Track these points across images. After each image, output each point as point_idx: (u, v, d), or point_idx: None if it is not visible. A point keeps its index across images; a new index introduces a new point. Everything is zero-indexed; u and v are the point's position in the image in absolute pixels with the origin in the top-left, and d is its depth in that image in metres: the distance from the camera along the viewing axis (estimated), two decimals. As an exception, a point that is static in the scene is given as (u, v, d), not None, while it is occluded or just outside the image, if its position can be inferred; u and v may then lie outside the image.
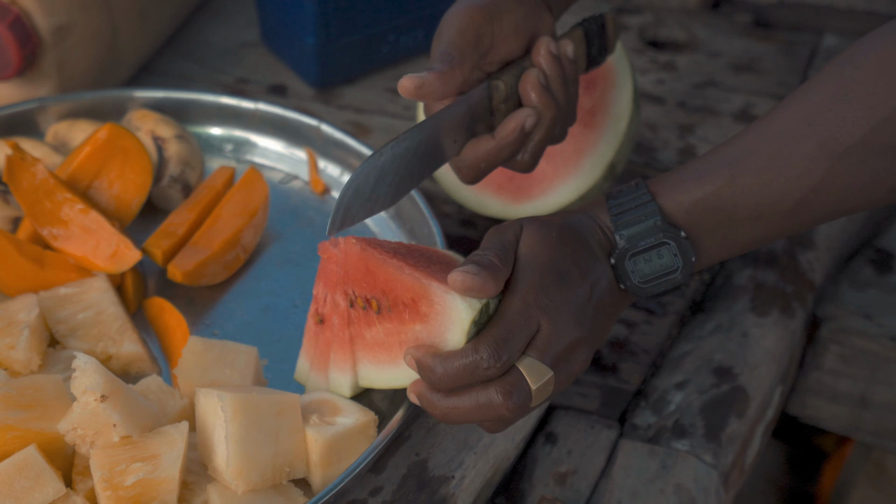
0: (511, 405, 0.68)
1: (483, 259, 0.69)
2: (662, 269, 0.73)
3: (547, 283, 0.70)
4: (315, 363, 0.80)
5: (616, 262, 0.74)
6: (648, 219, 0.73)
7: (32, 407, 0.70)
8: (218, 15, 1.33)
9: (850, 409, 1.11)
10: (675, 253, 0.73)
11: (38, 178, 0.86)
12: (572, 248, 0.72)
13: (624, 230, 0.73)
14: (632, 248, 0.73)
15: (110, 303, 0.84)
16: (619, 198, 0.75)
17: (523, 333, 0.68)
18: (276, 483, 0.72)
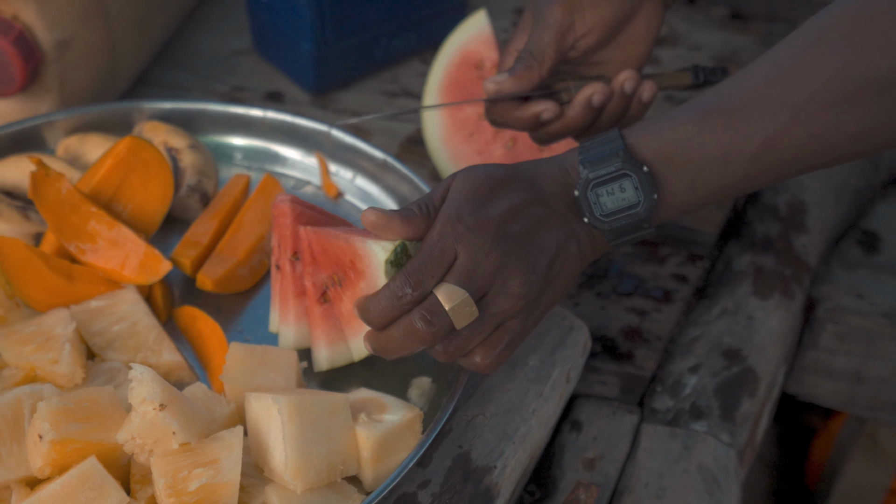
0: (431, 329, 0.71)
1: (403, 211, 0.74)
2: (625, 204, 0.74)
3: (463, 213, 0.72)
4: (280, 313, 0.88)
5: (579, 194, 0.75)
6: (612, 152, 0.74)
7: (90, 419, 0.71)
8: (206, 24, 1.34)
9: (846, 384, 1.16)
10: (636, 186, 0.74)
11: (63, 193, 0.87)
12: (504, 183, 0.73)
13: (587, 161, 0.75)
14: (594, 179, 0.74)
15: (143, 314, 0.85)
16: (591, 140, 0.77)
17: (438, 263, 0.71)
18: (330, 481, 0.74)
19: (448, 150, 1.07)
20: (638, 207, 0.74)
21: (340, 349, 0.85)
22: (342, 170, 1.04)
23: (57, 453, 0.69)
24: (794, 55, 0.72)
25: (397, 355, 0.74)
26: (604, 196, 0.74)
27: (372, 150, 1.01)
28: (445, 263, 0.71)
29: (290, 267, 0.87)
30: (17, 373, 0.80)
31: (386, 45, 1.25)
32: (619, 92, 0.88)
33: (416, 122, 1.21)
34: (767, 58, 0.74)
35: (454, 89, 1.08)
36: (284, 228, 0.87)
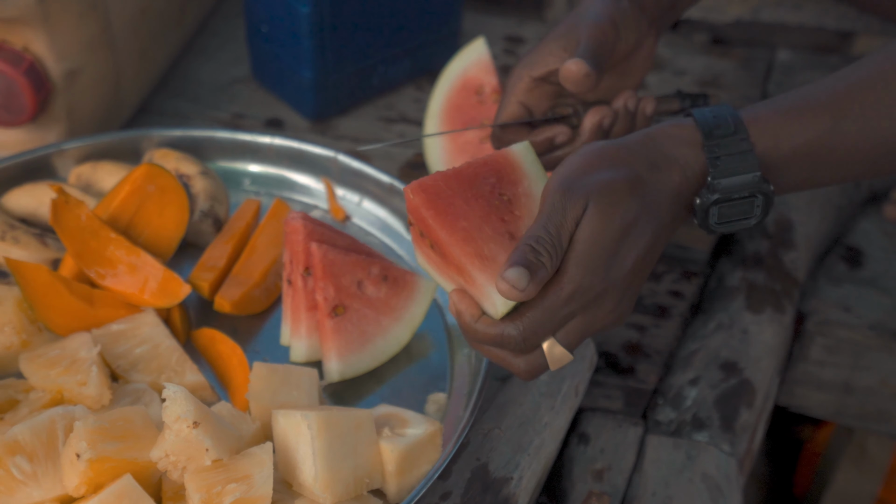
0: (527, 375, 0.75)
1: (535, 264, 0.69)
2: (741, 215, 0.75)
3: (595, 281, 0.71)
4: (292, 328, 0.90)
5: (701, 205, 0.74)
6: (747, 171, 0.73)
7: (125, 438, 0.73)
8: (204, 54, 1.37)
9: (835, 395, 1.20)
10: (758, 205, 0.74)
11: (82, 220, 0.89)
12: (636, 230, 0.71)
13: (721, 180, 0.73)
14: (724, 199, 0.73)
15: (164, 336, 0.87)
16: (716, 137, 0.73)
17: (554, 326, 0.72)
18: (357, 494, 0.76)
19: (450, 173, 1.10)
20: (751, 220, 0.75)
21: (351, 361, 0.88)
22: (349, 194, 1.07)
23: (93, 472, 0.71)
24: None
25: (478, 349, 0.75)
26: (724, 208, 0.74)
27: (378, 174, 1.04)
28: (563, 324, 0.72)
29: (302, 282, 0.89)
30: (45, 395, 0.81)
31: (383, 72, 1.28)
32: (623, 111, 0.91)
33: (415, 147, 1.24)
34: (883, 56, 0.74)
35: (455, 114, 1.11)
36: (296, 245, 0.90)
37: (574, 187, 0.72)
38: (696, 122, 0.75)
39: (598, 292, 0.72)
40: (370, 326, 0.89)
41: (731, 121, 0.74)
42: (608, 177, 0.72)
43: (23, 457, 0.72)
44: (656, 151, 0.75)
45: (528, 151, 0.76)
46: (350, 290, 0.89)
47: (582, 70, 0.79)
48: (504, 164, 0.75)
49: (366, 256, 0.91)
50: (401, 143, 0.99)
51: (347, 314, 0.88)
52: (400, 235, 1.03)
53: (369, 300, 0.89)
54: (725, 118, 0.74)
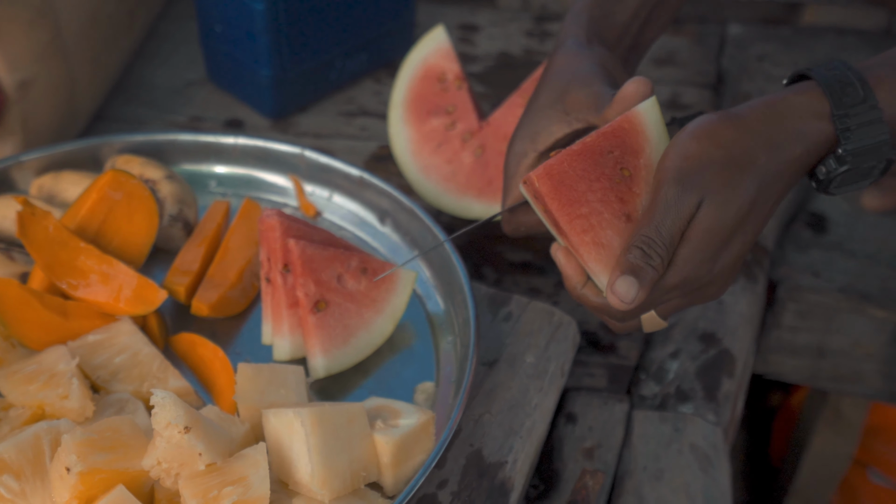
0: (619, 329, 0.78)
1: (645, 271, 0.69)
2: (860, 178, 0.72)
3: (701, 273, 0.71)
4: (273, 326, 0.89)
5: (825, 175, 0.71)
6: (879, 145, 0.70)
7: (114, 448, 0.71)
8: (157, 57, 1.34)
9: (809, 360, 1.22)
10: (880, 172, 0.71)
11: (50, 231, 0.87)
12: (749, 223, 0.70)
13: (851, 157, 0.70)
14: (851, 168, 0.70)
15: (143, 343, 0.86)
16: (845, 105, 0.69)
17: (654, 305, 0.73)
18: (354, 488, 0.75)
19: (418, 162, 1.09)
20: (868, 180, 0.72)
21: (336, 356, 0.87)
22: (318, 189, 1.05)
23: (84, 485, 0.70)
24: None
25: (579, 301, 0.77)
26: (848, 176, 0.71)
27: (347, 167, 1.03)
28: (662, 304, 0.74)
29: (282, 279, 0.88)
30: (25, 412, 0.79)
31: (340, 66, 1.27)
32: None
33: (378, 139, 1.23)
34: None
35: (419, 103, 1.10)
36: (273, 242, 0.89)
37: (688, 181, 0.69)
38: (822, 86, 0.71)
39: (704, 282, 0.72)
40: (353, 320, 0.88)
41: (856, 82, 0.70)
42: (725, 171, 0.69)
43: (9, 475, 0.70)
44: (779, 127, 0.71)
45: (653, 110, 0.74)
46: (330, 284, 0.88)
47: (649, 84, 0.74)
48: (629, 129, 0.74)
49: (344, 250, 0.90)
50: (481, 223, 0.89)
51: (329, 309, 0.87)
52: (373, 228, 1.02)
53: (350, 294, 0.89)
54: (851, 81, 0.70)
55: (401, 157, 1.10)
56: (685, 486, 0.91)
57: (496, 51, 1.39)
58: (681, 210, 0.69)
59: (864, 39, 1.40)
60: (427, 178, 1.08)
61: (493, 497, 0.80)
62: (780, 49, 1.39)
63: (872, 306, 1.16)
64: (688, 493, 0.91)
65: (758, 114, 0.71)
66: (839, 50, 1.39)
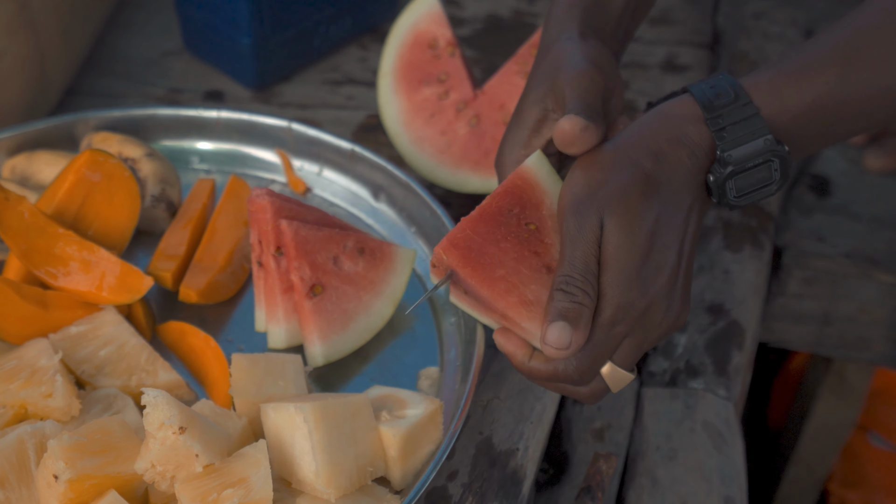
0: (592, 400, 0.73)
1: (572, 310, 0.66)
2: (760, 183, 0.70)
3: (634, 297, 0.67)
4: (267, 313, 0.85)
5: (715, 181, 0.70)
6: (757, 137, 0.68)
7: (105, 451, 0.67)
8: (130, 28, 1.28)
9: (814, 327, 1.19)
10: (776, 169, 0.69)
11: (26, 217, 0.82)
12: (660, 226, 0.68)
13: (731, 150, 0.68)
14: (739, 170, 0.69)
15: (129, 334, 0.81)
16: (717, 108, 0.69)
17: (607, 353, 0.70)
18: (361, 485, 0.71)
19: (409, 133, 1.04)
20: (772, 186, 0.71)
21: (335, 342, 0.83)
22: (307, 164, 1.00)
23: (74, 492, 0.65)
24: None
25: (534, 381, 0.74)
26: (740, 180, 0.70)
27: (338, 141, 0.98)
28: (615, 349, 0.69)
29: (275, 263, 0.83)
30: (6, 412, 0.74)
31: (324, 32, 1.21)
32: None
33: (366, 108, 1.18)
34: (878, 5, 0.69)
35: (410, 71, 1.05)
36: (265, 224, 0.84)
37: (583, 207, 0.68)
38: (694, 96, 0.71)
39: (642, 307, 0.68)
40: (351, 304, 0.83)
41: (730, 88, 0.70)
42: (615, 185, 0.68)
43: (-7, 483, 0.66)
44: (657, 138, 0.70)
45: (541, 163, 0.73)
46: (326, 267, 0.83)
47: (577, 125, 0.69)
48: (523, 186, 0.73)
49: (339, 230, 0.85)
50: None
51: (326, 293, 0.83)
52: (367, 203, 0.97)
53: (347, 276, 0.84)
54: (724, 87, 0.70)
55: (392, 128, 1.05)
56: (700, 466, 0.88)
57: (484, 13, 1.33)
58: (585, 236, 0.68)
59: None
60: (420, 150, 1.04)
61: (505, 487, 0.77)
62: (777, 6, 1.35)
63: (880, 271, 1.13)
64: (703, 472, 0.88)
65: (634, 131, 0.71)
66: (836, 5, 1.35)
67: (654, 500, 0.85)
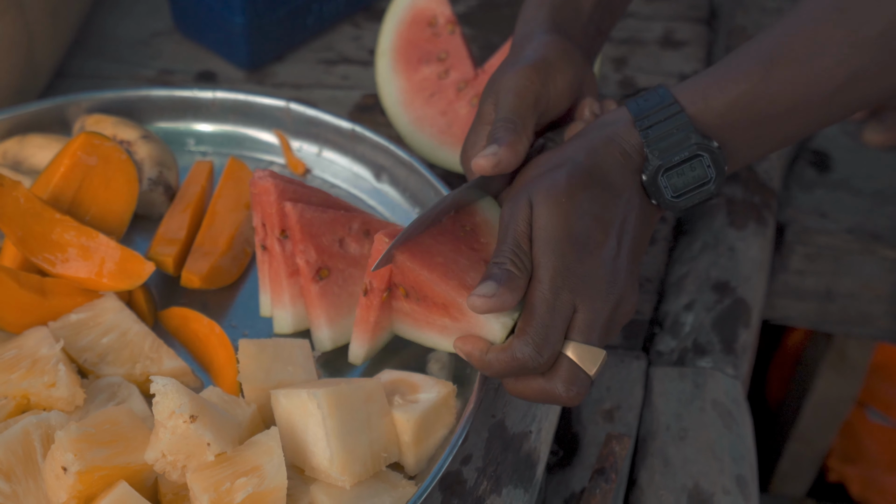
0: (574, 394, 0.70)
1: (499, 273, 0.68)
2: (696, 181, 0.71)
3: (570, 262, 0.68)
4: (273, 297, 0.84)
5: (648, 179, 0.71)
6: (680, 131, 0.70)
7: (114, 442, 0.65)
8: (117, 7, 1.25)
9: (816, 303, 1.18)
10: (708, 164, 0.71)
11: (22, 202, 0.79)
12: (589, 202, 0.70)
13: (655, 145, 0.71)
14: (665, 164, 0.71)
15: (131, 321, 0.79)
16: (645, 111, 0.72)
17: (558, 322, 0.68)
18: (376, 471, 0.70)
19: (409, 113, 1.02)
20: (709, 184, 0.71)
21: (343, 326, 0.81)
22: (305, 145, 0.99)
23: (83, 484, 0.63)
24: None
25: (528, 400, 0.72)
26: (674, 178, 0.71)
27: (338, 121, 0.96)
28: (566, 320, 0.68)
29: (280, 246, 0.82)
30: (8, 403, 0.72)
31: (317, 10, 1.19)
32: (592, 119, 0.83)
33: (361, 88, 1.16)
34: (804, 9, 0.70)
35: (409, 49, 1.03)
36: (269, 206, 0.82)
37: (515, 196, 0.72)
38: (626, 106, 0.74)
39: (581, 273, 0.68)
40: (358, 286, 0.82)
41: (658, 95, 0.73)
42: (547, 175, 0.72)
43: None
44: (591, 140, 0.73)
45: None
46: (332, 249, 0.81)
47: (489, 162, 0.74)
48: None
49: (344, 212, 0.83)
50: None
51: (332, 276, 0.81)
52: (369, 184, 0.96)
53: (353, 258, 0.82)
54: (653, 95, 0.73)
55: (391, 108, 1.03)
56: (710, 445, 0.87)
57: (479, -10, 1.31)
58: (515, 219, 0.70)
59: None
60: (420, 130, 1.02)
61: (519, 470, 0.76)
62: (775, -20, 1.33)
63: (882, 246, 1.12)
64: (714, 451, 0.87)
65: (573, 139, 0.75)
66: (834, -21, 1.34)
67: (666, 481, 0.85)
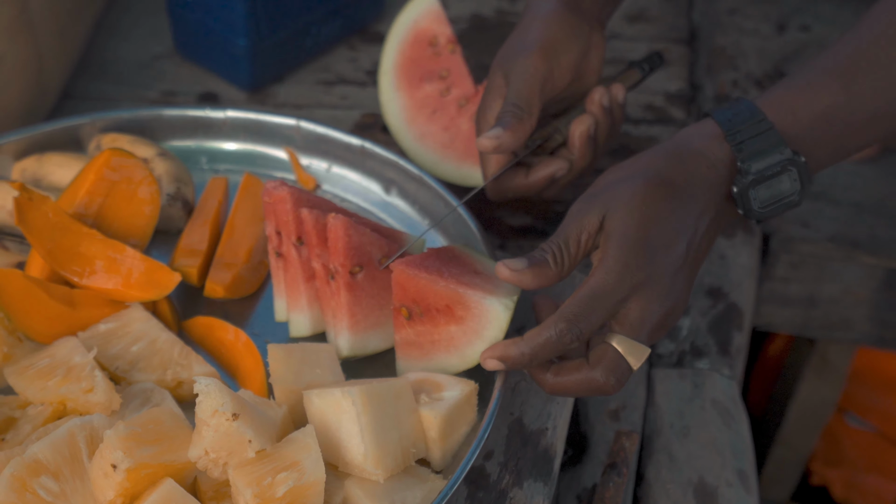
0: (613, 382, 0.73)
1: (537, 256, 0.72)
2: (782, 194, 0.75)
3: (639, 260, 0.71)
4: (289, 302, 0.87)
5: (739, 191, 0.74)
6: (774, 147, 0.74)
7: (160, 441, 0.67)
8: (118, 30, 1.28)
9: (800, 310, 1.23)
10: (795, 178, 0.74)
11: (50, 217, 0.82)
12: (668, 211, 0.72)
13: (752, 162, 0.74)
14: (759, 179, 0.74)
15: (159, 330, 0.82)
16: (736, 126, 0.75)
17: (602, 307, 0.71)
18: (406, 465, 0.73)
19: (413, 130, 1.06)
20: (794, 196, 0.75)
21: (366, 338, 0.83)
22: (315, 161, 1.02)
23: (130, 481, 0.66)
24: None
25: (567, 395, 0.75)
26: (762, 190, 0.74)
27: (347, 137, 1.00)
28: (611, 309, 0.71)
29: (296, 252, 0.85)
30: (45, 409, 0.75)
31: (315, 33, 1.23)
32: (600, 110, 0.89)
33: (360, 107, 1.20)
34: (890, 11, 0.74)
35: (411, 68, 1.07)
36: (284, 214, 0.85)
37: (591, 198, 0.74)
38: (714, 118, 0.77)
39: (645, 274, 0.71)
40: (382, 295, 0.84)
41: (745, 109, 0.75)
42: (626, 178, 0.74)
43: (48, 476, 0.66)
44: (677, 150, 0.75)
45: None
46: None
47: (492, 144, 0.80)
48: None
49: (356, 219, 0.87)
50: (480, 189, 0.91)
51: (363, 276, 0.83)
52: (378, 197, 0.99)
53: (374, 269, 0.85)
54: (741, 108, 0.76)
55: (395, 125, 1.07)
56: (712, 441, 0.91)
57: (468, 13, 1.36)
58: (582, 220, 0.73)
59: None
60: (424, 146, 1.06)
61: (538, 465, 0.79)
62: (750, 2, 1.39)
63: (862, 253, 1.18)
64: (716, 447, 0.91)
65: (658, 146, 0.78)
66: (806, 1, 1.40)
67: (672, 475, 0.88)
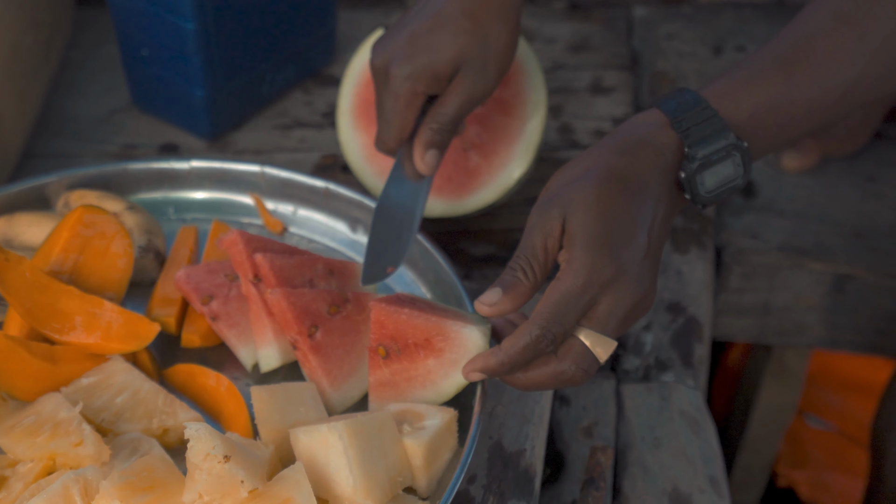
0: (581, 373, 0.76)
1: (508, 280, 0.75)
2: (727, 179, 0.78)
3: (604, 260, 0.73)
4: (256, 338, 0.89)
5: (686, 176, 0.77)
6: (718, 133, 0.76)
7: (154, 488, 0.69)
8: (74, 88, 1.30)
9: (755, 318, 1.28)
10: (738, 163, 0.77)
11: (27, 276, 0.83)
12: (624, 203, 0.74)
13: (698, 147, 0.76)
14: (705, 164, 0.76)
15: (142, 380, 0.83)
16: (681, 114, 0.77)
17: (573, 309, 0.73)
18: (393, 494, 0.75)
19: (373, 167, 1.09)
20: (737, 180, 0.78)
21: (346, 388, 0.86)
22: (281, 205, 1.04)
23: (128, 529, 0.67)
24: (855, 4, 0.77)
25: (539, 390, 0.77)
26: (708, 175, 0.77)
27: (311, 180, 1.02)
28: (583, 309, 0.73)
29: (255, 289, 0.88)
30: (35, 466, 0.76)
31: (271, 79, 1.26)
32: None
33: (319, 149, 1.23)
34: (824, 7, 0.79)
35: (367, 108, 1.10)
36: (239, 255, 0.90)
37: (549, 202, 0.76)
38: (659, 108, 0.79)
39: (612, 273, 0.73)
40: (346, 341, 0.87)
41: (690, 98, 0.79)
42: (582, 179, 0.76)
43: (46, 531, 0.68)
44: (625, 141, 0.78)
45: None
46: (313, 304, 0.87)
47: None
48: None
49: (307, 257, 0.91)
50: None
51: (323, 333, 0.87)
52: (345, 236, 1.02)
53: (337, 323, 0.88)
54: (685, 98, 0.79)
55: (356, 163, 1.10)
56: (682, 450, 0.95)
57: (417, 51, 1.39)
58: (541, 227, 0.75)
59: (760, 12, 1.48)
60: (383, 181, 1.08)
61: (520, 485, 0.82)
62: (686, 27, 1.45)
63: (810, 260, 1.23)
64: (686, 456, 0.95)
65: (606, 138, 0.79)
66: (739, 23, 1.46)
67: (647, 486, 0.92)
